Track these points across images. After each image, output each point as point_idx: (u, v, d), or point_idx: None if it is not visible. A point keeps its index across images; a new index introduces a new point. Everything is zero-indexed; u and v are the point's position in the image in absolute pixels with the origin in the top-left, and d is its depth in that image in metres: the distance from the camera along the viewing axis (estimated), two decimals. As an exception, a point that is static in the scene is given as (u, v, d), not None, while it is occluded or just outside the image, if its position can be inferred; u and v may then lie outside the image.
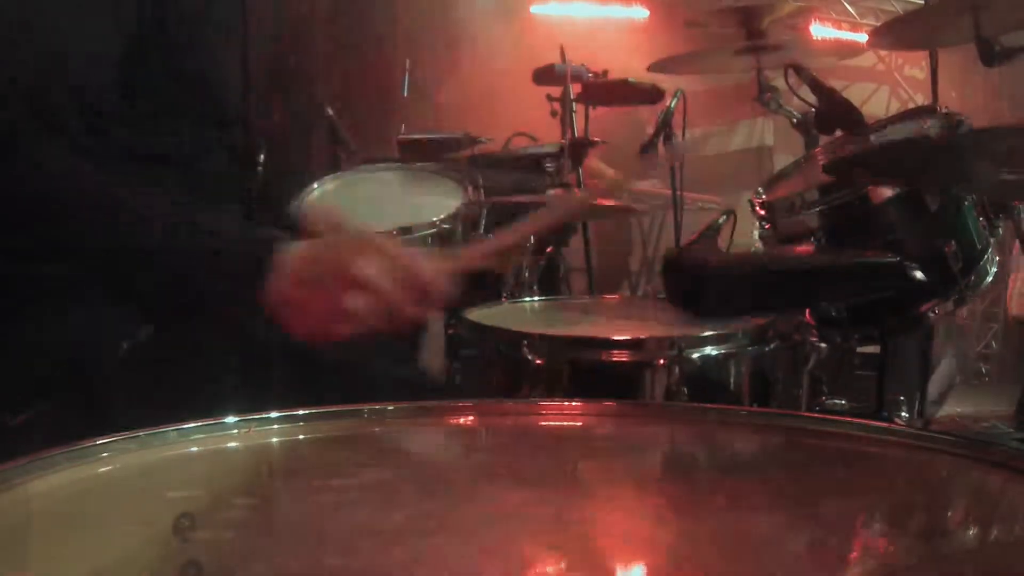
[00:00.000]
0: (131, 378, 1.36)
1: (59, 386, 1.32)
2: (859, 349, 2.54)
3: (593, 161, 4.40)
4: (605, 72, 3.97)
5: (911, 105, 6.97)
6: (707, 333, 1.75)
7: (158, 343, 1.39)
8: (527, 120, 4.04)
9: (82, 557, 0.68)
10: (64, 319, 1.37)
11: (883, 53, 7.18)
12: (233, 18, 1.55)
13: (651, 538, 0.75)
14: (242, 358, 1.45)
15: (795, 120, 2.61)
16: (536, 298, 2.57)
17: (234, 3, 1.55)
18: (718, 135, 7.18)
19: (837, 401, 1.94)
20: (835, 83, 2.21)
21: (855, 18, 7.39)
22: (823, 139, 2.36)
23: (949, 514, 0.83)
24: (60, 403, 1.31)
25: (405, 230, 2.59)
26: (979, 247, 1.88)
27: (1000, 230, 1.93)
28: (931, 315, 1.89)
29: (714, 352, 1.74)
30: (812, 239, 1.91)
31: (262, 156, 1.86)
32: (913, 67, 7.51)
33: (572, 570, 0.65)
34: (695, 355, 1.73)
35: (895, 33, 2.62)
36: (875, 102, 7.41)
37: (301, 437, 0.98)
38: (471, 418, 1.05)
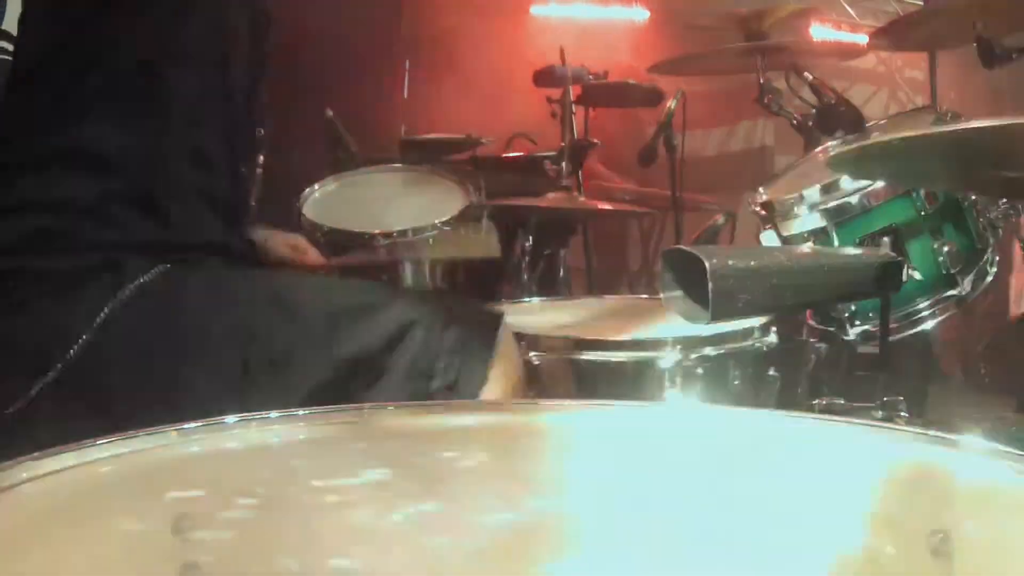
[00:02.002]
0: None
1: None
2: (859, 349, 2.54)
3: (592, 163, 4.40)
4: (605, 73, 3.97)
5: (911, 106, 6.98)
6: (707, 333, 1.75)
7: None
8: (527, 121, 4.04)
9: (81, 557, 0.68)
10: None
11: (883, 55, 7.18)
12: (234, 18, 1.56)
13: (651, 538, 0.75)
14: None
15: (796, 121, 2.61)
16: (536, 298, 2.57)
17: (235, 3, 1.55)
18: (719, 136, 7.19)
19: (836, 401, 1.94)
20: (835, 84, 2.21)
21: (855, 20, 7.39)
22: (824, 140, 2.36)
23: (949, 514, 0.83)
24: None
25: (405, 232, 2.60)
26: (979, 247, 1.88)
27: (1000, 230, 1.93)
28: (931, 315, 1.89)
29: (714, 352, 1.75)
30: (812, 239, 1.91)
31: (262, 158, 1.86)
32: (913, 69, 7.51)
33: (573, 570, 0.65)
34: (695, 355, 1.73)
35: (895, 35, 2.63)
36: (875, 103, 7.41)
37: (301, 437, 0.98)
38: (471, 418, 1.05)
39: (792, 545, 0.73)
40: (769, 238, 2.00)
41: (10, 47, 1.50)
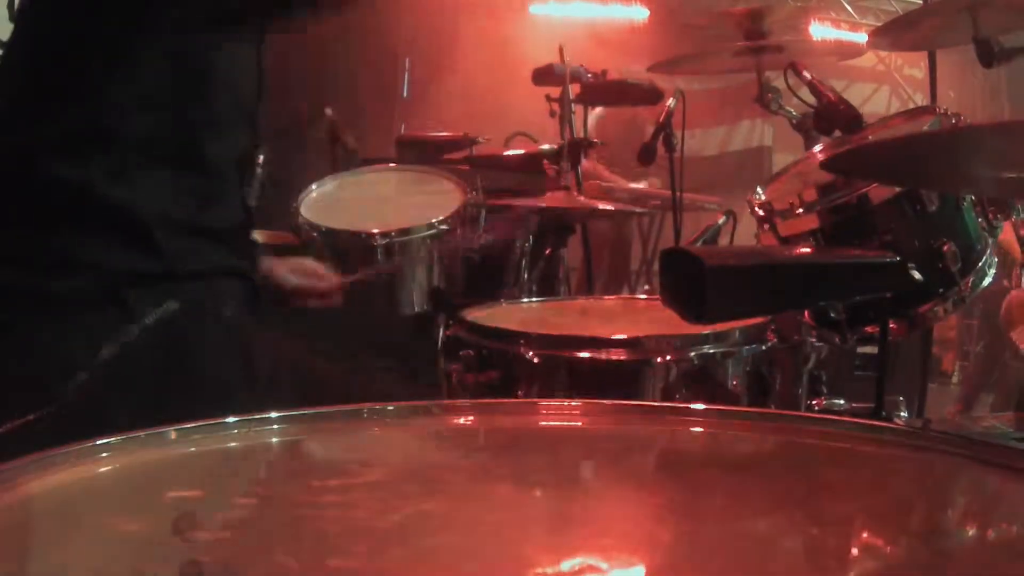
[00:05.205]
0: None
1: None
2: (858, 349, 2.54)
3: (591, 162, 4.40)
4: (604, 72, 3.97)
5: (910, 105, 6.99)
6: (706, 333, 1.74)
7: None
8: (526, 120, 4.04)
9: (82, 557, 0.68)
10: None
11: (883, 53, 7.19)
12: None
13: (651, 538, 0.75)
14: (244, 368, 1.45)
15: (795, 120, 2.61)
16: (534, 298, 2.57)
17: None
18: (718, 136, 7.20)
19: (837, 401, 1.94)
20: (835, 83, 2.21)
21: (854, 18, 7.40)
22: (823, 139, 2.36)
23: (949, 514, 0.83)
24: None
25: (404, 231, 2.60)
26: (978, 247, 1.88)
27: (999, 230, 1.93)
28: (930, 316, 1.89)
29: (713, 352, 1.75)
30: (811, 239, 1.91)
31: (261, 157, 1.86)
32: (912, 67, 7.53)
33: (572, 570, 0.65)
34: (693, 355, 1.73)
35: (894, 34, 2.62)
36: (875, 102, 7.43)
37: (301, 437, 0.98)
38: (471, 418, 1.05)
39: (793, 545, 0.73)
40: (768, 238, 2.00)
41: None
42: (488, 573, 0.66)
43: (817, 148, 2.31)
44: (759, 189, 2.11)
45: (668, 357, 1.72)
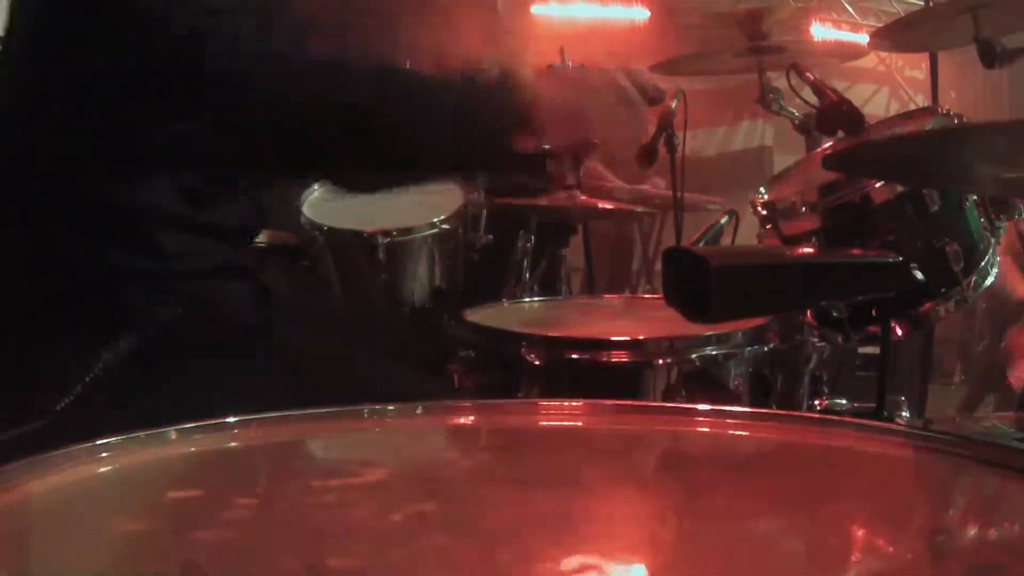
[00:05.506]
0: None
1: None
2: (860, 349, 2.54)
3: (592, 163, 4.39)
4: (606, 73, 3.96)
5: (912, 106, 6.98)
6: (707, 333, 1.74)
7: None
8: (527, 121, 4.02)
9: (82, 557, 0.68)
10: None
11: (884, 55, 7.19)
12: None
13: (651, 538, 0.75)
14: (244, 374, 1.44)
15: (796, 121, 2.61)
16: (536, 298, 2.57)
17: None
18: (719, 136, 7.19)
19: (837, 401, 1.94)
20: (836, 84, 2.21)
21: (856, 19, 7.40)
22: (824, 140, 2.36)
23: (949, 514, 0.83)
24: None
25: (405, 231, 2.60)
26: (980, 247, 1.88)
27: (1002, 230, 1.93)
28: (932, 315, 1.89)
29: (714, 352, 1.74)
30: (813, 239, 1.91)
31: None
32: (914, 68, 7.52)
33: (572, 570, 0.65)
34: (695, 355, 1.73)
35: (896, 35, 2.63)
36: (876, 103, 7.43)
37: (301, 437, 0.98)
38: (471, 418, 1.05)
39: (793, 545, 0.73)
40: (771, 238, 2.00)
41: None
42: (488, 573, 0.66)
43: (820, 148, 2.31)
44: (762, 189, 2.11)
45: (670, 359, 1.72)
